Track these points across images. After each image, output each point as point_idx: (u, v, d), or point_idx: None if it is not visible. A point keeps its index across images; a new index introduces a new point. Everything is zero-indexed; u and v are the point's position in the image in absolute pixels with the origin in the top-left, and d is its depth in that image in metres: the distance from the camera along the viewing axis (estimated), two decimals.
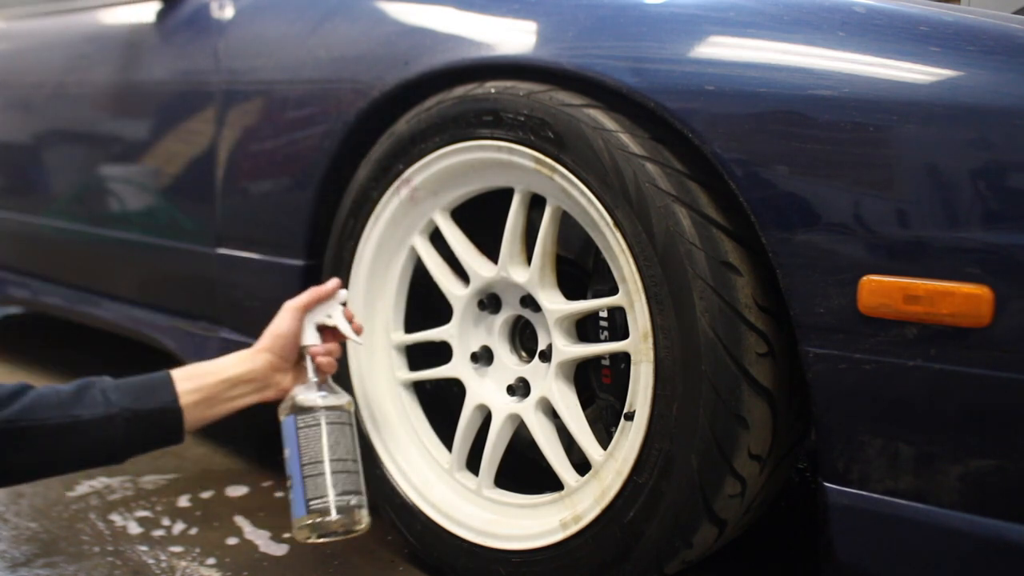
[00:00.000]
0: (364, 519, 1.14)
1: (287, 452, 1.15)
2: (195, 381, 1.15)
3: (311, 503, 1.11)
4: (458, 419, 1.32)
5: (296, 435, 1.14)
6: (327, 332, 1.25)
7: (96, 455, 1.09)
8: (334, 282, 1.25)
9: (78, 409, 1.06)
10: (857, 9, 0.98)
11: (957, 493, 0.89)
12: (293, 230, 1.47)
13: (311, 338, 1.23)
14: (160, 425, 1.11)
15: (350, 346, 1.39)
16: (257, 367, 1.19)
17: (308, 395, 1.17)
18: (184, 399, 1.13)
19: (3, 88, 2.22)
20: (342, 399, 1.18)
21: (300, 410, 1.15)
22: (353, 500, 1.13)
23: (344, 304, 1.25)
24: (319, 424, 1.14)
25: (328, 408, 1.15)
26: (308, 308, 1.23)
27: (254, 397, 1.20)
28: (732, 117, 0.98)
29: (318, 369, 1.21)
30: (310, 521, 1.11)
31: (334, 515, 1.11)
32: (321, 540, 1.13)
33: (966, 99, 0.87)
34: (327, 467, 1.12)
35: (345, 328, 1.24)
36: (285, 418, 1.16)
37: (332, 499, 1.11)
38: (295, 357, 1.24)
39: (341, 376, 1.39)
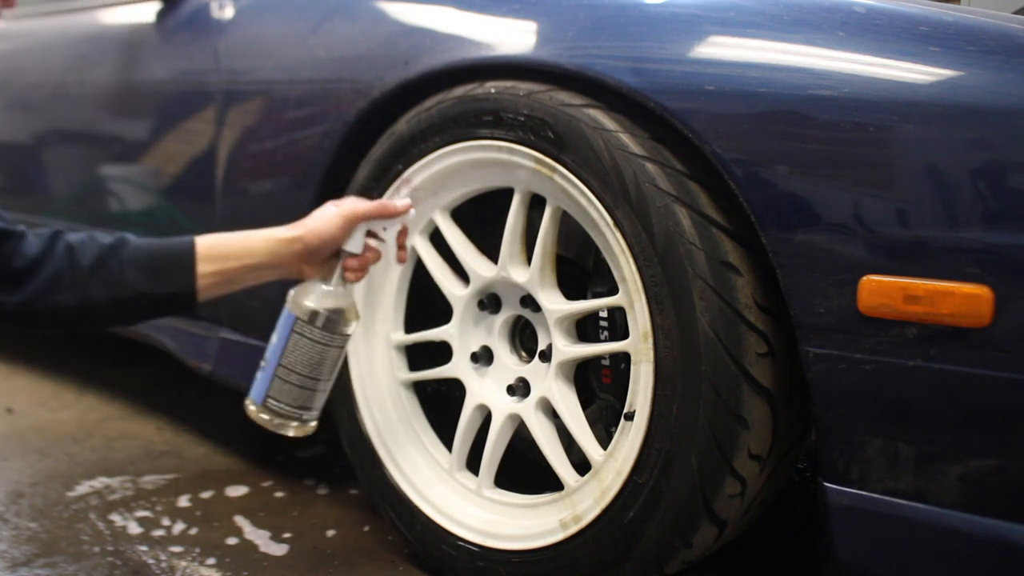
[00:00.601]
0: (310, 429, 1.16)
1: (274, 338, 1.14)
2: (218, 263, 1.11)
3: (269, 401, 1.13)
4: (458, 419, 1.32)
5: (289, 335, 1.13)
6: (369, 241, 1.19)
7: (107, 325, 1.10)
8: (405, 203, 1.18)
9: (94, 288, 1.04)
10: (857, 9, 0.98)
11: (957, 493, 0.89)
12: None
13: (355, 245, 1.17)
14: (172, 304, 1.10)
15: (351, 346, 1.39)
16: (285, 256, 1.14)
17: (321, 304, 1.13)
18: (202, 281, 1.09)
19: (3, 88, 2.22)
20: (349, 324, 1.15)
21: (305, 315, 1.12)
22: (307, 415, 1.15)
23: (404, 226, 1.21)
24: (314, 340, 1.12)
25: (330, 331, 1.13)
26: (366, 220, 1.16)
27: (272, 277, 1.16)
28: (732, 117, 0.98)
29: (344, 279, 1.17)
30: (260, 412, 1.14)
31: (284, 420, 1.14)
32: (262, 426, 1.15)
33: (966, 99, 0.87)
34: (300, 380, 1.13)
35: (392, 249, 1.19)
36: (289, 310, 1.14)
37: (290, 408, 1.13)
38: (327, 257, 1.17)
39: (341, 375, 1.39)
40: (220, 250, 1.11)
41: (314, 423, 1.17)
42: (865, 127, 0.91)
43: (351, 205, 1.16)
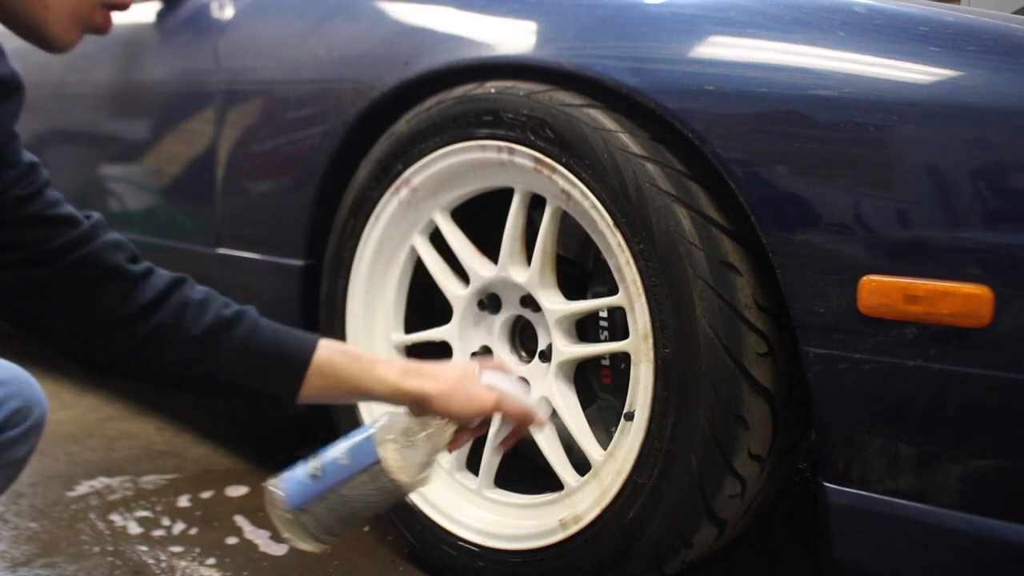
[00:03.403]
0: (319, 549, 1.05)
1: (344, 458, 1.01)
2: (329, 381, 0.99)
3: (305, 515, 1.01)
4: None
5: (362, 471, 1.00)
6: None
7: (194, 392, 1.00)
8: (544, 419, 1.07)
9: (190, 358, 0.94)
10: (857, 9, 0.98)
11: (957, 493, 0.89)
12: (293, 230, 1.47)
13: (473, 423, 1.07)
14: (265, 400, 0.99)
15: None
16: (402, 402, 1.01)
17: (413, 461, 1.01)
18: (305, 392, 0.98)
19: None
20: (414, 487, 1.03)
21: (391, 466, 0.99)
22: (330, 540, 1.04)
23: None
24: (384, 489, 1.00)
25: (406, 486, 1.01)
26: (497, 412, 1.05)
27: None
28: (732, 117, 0.98)
29: (447, 447, 1.05)
30: (288, 516, 1.01)
31: (306, 535, 1.02)
32: (274, 523, 1.03)
33: (966, 99, 0.87)
34: (349, 514, 1.02)
35: (500, 434, 1.11)
36: (375, 443, 1.01)
37: (321, 533, 1.02)
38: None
39: None
40: (337, 370, 0.98)
41: (327, 545, 1.05)
42: (865, 127, 0.91)
43: (501, 401, 1.02)
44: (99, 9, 0.87)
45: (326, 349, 0.98)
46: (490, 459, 1.27)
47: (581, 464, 1.20)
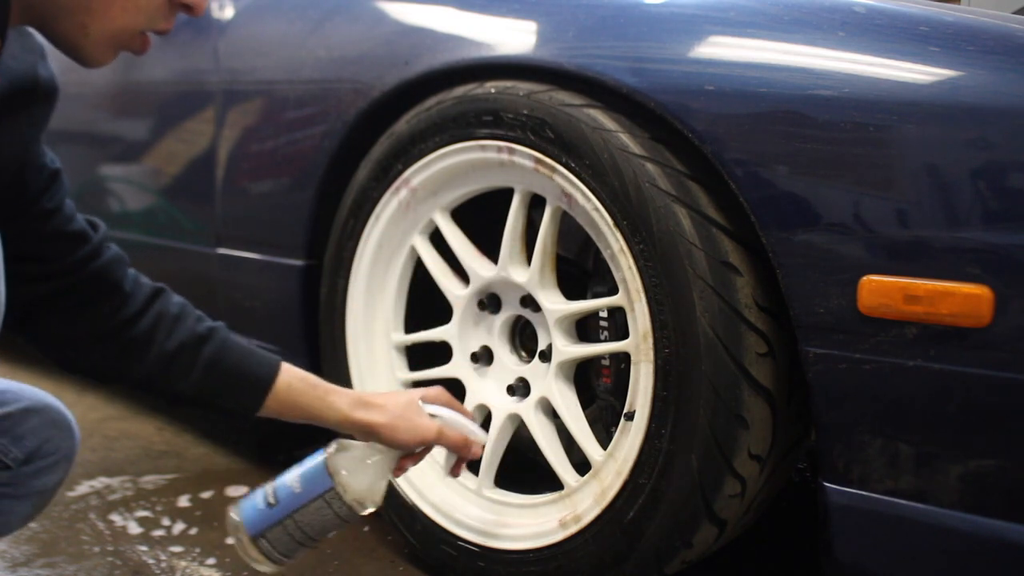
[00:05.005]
0: (275, 571, 1.10)
1: (297, 486, 1.06)
2: (285, 405, 1.05)
3: (263, 541, 1.06)
4: None
5: (316, 498, 1.05)
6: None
7: (160, 397, 1.06)
8: (479, 448, 1.13)
9: (159, 372, 1.01)
10: (857, 9, 0.98)
11: (957, 493, 0.89)
12: (293, 230, 1.47)
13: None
14: (224, 413, 1.06)
15: (351, 347, 1.39)
16: (352, 431, 1.07)
17: (363, 487, 1.06)
18: (262, 412, 1.05)
19: None
20: (367, 510, 1.08)
21: (343, 491, 1.05)
22: (285, 562, 1.09)
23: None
24: (337, 514, 1.06)
25: (358, 511, 1.07)
26: (438, 441, 1.10)
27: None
28: (732, 117, 0.98)
29: (391, 473, 1.10)
30: (248, 542, 1.06)
31: (264, 559, 1.07)
32: (236, 547, 1.08)
33: (966, 99, 0.87)
34: (303, 538, 1.06)
35: (449, 464, 1.16)
36: (327, 469, 1.06)
37: (278, 555, 1.07)
38: None
39: (341, 377, 1.39)
40: (294, 396, 1.05)
41: (281, 567, 1.10)
42: (865, 127, 0.91)
43: (442, 431, 1.09)
44: (138, 35, 0.89)
45: (287, 375, 1.05)
46: (490, 459, 1.27)
47: (581, 464, 1.20)
